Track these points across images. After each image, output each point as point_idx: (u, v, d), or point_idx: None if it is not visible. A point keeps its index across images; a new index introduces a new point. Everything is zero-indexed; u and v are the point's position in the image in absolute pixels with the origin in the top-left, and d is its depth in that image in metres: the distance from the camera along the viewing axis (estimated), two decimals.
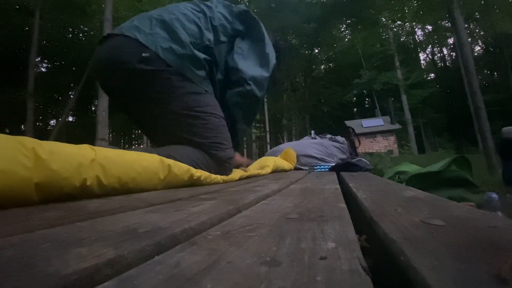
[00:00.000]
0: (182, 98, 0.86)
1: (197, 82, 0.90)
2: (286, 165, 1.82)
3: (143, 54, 0.81)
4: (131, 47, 0.83)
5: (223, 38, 1.01)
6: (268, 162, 1.44)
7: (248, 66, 1.03)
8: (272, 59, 1.11)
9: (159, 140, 0.94)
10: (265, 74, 1.08)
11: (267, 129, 12.99)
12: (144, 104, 0.89)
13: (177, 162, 0.69)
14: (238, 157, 1.15)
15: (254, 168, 1.31)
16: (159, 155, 0.69)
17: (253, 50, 1.07)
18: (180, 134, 0.88)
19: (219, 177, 0.87)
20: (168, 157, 0.70)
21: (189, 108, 0.87)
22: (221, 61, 1.01)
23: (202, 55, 0.91)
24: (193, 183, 0.74)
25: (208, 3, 1.05)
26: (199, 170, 0.78)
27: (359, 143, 2.72)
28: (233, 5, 1.09)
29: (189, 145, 0.88)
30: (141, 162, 0.59)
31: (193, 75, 0.88)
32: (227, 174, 0.96)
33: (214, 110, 0.93)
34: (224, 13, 1.04)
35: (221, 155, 0.93)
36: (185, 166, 0.71)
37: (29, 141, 0.40)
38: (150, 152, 0.69)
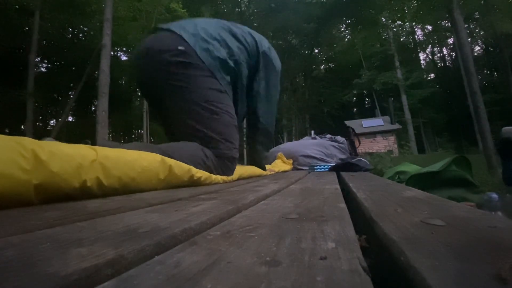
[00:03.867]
0: (204, 91, 0.96)
1: (222, 82, 1.01)
2: (287, 167, 1.89)
3: (179, 47, 0.94)
4: (173, 40, 0.97)
5: (249, 61, 1.17)
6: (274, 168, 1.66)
7: (263, 110, 1.28)
8: (277, 94, 1.37)
9: (175, 131, 1.02)
10: (274, 114, 1.37)
11: None
12: (170, 91, 0.98)
13: (178, 162, 0.69)
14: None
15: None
16: (160, 152, 0.69)
17: (267, 89, 1.26)
18: (194, 124, 0.95)
19: (219, 178, 0.87)
20: (168, 156, 0.70)
21: (208, 101, 0.96)
22: (242, 77, 1.16)
23: (231, 64, 1.05)
24: (193, 183, 0.74)
25: (249, 30, 1.22)
26: (200, 171, 0.78)
27: (359, 143, 2.72)
28: (263, 43, 1.24)
29: (199, 137, 0.94)
30: (142, 162, 0.59)
31: (220, 75, 1.01)
32: (228, 174, 0.96)
33: (230, 109, 1.02)
34: (254, 44, 1.20)
35: (227, 153, 0.97)
36: (186, 166, 0.71)
37: (29, 142, 0.40)
38: (151, 148, 0.70)
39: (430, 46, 22.18)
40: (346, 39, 19.34)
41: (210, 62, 0.97)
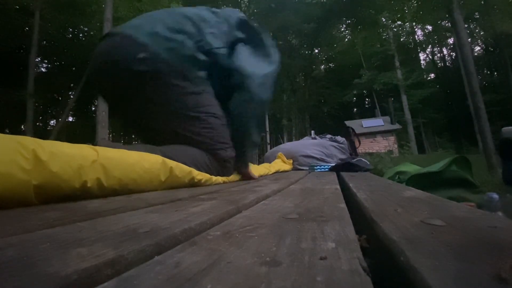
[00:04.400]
0: (181, 98, 0.87)
1: (197, 82, 0.90)
2: (287, 167, 1.89)
3: (139, 55, 0.80)
4: (129, 47, 0.82)
5: (223, 44, 1.00)
6: (271, 168, 1.54)
7: (252, 66, 1.00)
8: (276, 58, 1.09)
9: (160, 140, 0.91)
10: (269, 70, 1.03)
11: (267, 129, 13.00)
12: (143, 105, 0.88)
13: (179, 164, 0.69)
14: (247, 171, 1.09)
15: (261, 172, 1.32)
16: (162, 154, 0.68)
17: (255, 53, 1.04)
18: (182, 132, 0.88)
19: (220, 179, 0.87)
20: (169, 158, 0.69)
21: (189, 108, 0.88)
22: (222, 66, 0.99)
23: (203, 57, 0.91)
24: (194, 185, 0.74)
25: (210, 9, 1.05)
26: (201, 173, 0.77)
27: (359, 143, 2.73)
28: (231, 15, 1.06)
29: (191, 144, 0.88)
30: (143, 163, 0.59)
31: (193, 75, 0.89)
32: (228, 175, 0.96)
33: (213, 109, 0.94)
34: (224, 21, 1.03)
35: (224, 155, 0.93)
36: (187, 168, 0.71)
37: (30, 142, 0.40)
38: (153, 150, 0.69)
39: (430, 46, 22.22)
40: (346, 39, 19.36)
41: (178, 63, 0.85)
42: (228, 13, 1.06)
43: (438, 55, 22.89)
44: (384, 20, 14.98)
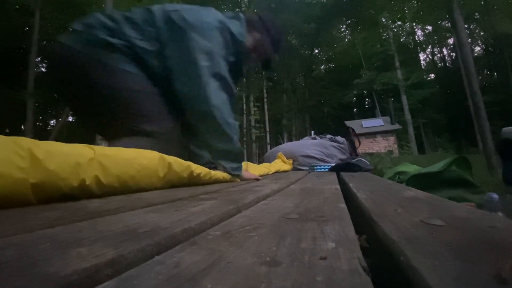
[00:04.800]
0: (106, 80, 0.92)
1: (115, 63, 0.93)
2: (287, 167, 1.89)
3: (61, 53, 0.94)
4: (57, 50, 0.98)
5: (149, 40, 0.98)
6: (271, 168, 1.52)
7: (184, 82, 0.97)
8: (196, 56, 0.97)
9: (110, 132, 0.99)
10: (200, 81, 0.95)
11: (267, 129, 13.00)
12: (81, 96, 0.97)
13: (177, 159, 0.69)
14: (247, 174, 1.05)
15: (261, 171, 1.31)
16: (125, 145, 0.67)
17: (180, 58, 0.98)
18: (123, 121, 0.93)
19: (219, 174, 0.87)
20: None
21: (117, 89, 0.93)
22: (154, 59, 0.99)
23: (116, 40, 0.93)
24: (193, 179, 0.74)
25: (146, 9, 1.03)
26: (199, 167, 0.77)
27: (359, 144, 2.73)
28: (159, 9, 1.02)
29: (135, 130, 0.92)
30: (141, 160, 0.59)
31: (108, 58, 0.93)
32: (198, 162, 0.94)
33: (131, 84, 0.95)
34: (151, 17, 1.00)
35: (148, 128, 0.93)
36: (185, 163, 0.71)
37: (25, 141, 0.40)
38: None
39: (430, 47, 22.23)
40: (346, 39, 19.38)
41: (88, 49, 0.92)
42: (156, 8, 1.03)
43: (438, 55, 22.92)
44: (384, 20, 14.99)
